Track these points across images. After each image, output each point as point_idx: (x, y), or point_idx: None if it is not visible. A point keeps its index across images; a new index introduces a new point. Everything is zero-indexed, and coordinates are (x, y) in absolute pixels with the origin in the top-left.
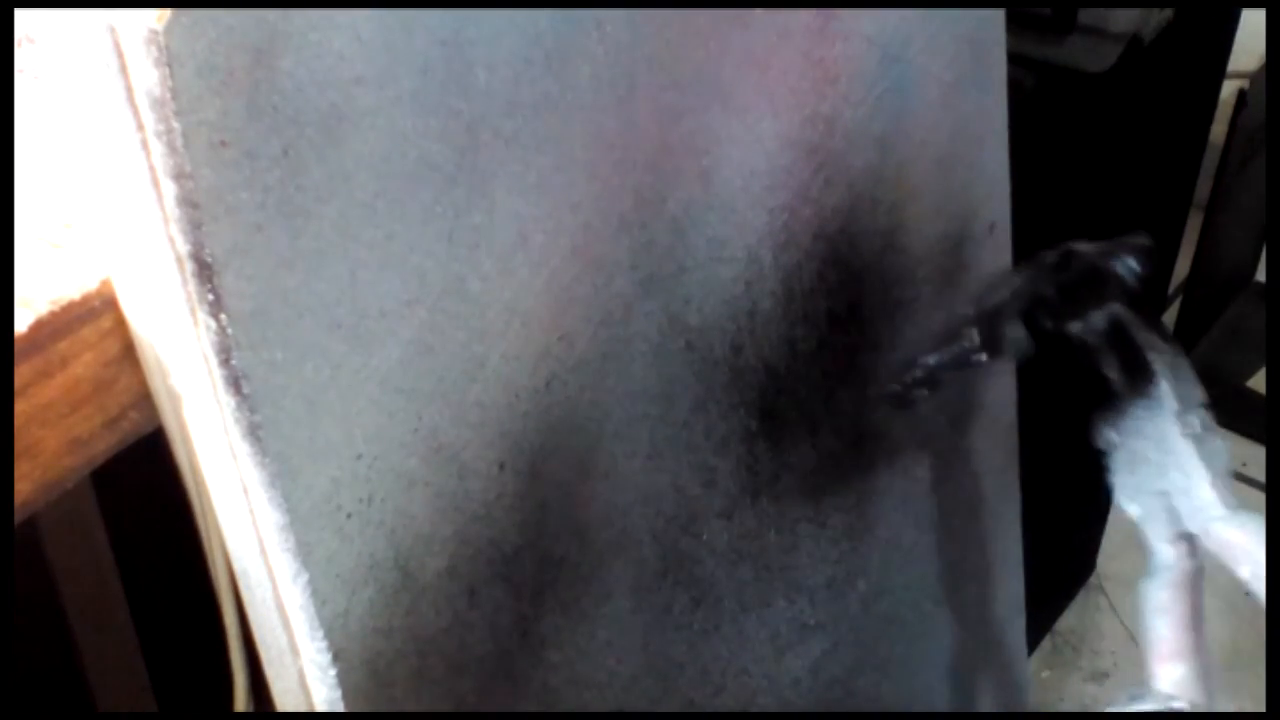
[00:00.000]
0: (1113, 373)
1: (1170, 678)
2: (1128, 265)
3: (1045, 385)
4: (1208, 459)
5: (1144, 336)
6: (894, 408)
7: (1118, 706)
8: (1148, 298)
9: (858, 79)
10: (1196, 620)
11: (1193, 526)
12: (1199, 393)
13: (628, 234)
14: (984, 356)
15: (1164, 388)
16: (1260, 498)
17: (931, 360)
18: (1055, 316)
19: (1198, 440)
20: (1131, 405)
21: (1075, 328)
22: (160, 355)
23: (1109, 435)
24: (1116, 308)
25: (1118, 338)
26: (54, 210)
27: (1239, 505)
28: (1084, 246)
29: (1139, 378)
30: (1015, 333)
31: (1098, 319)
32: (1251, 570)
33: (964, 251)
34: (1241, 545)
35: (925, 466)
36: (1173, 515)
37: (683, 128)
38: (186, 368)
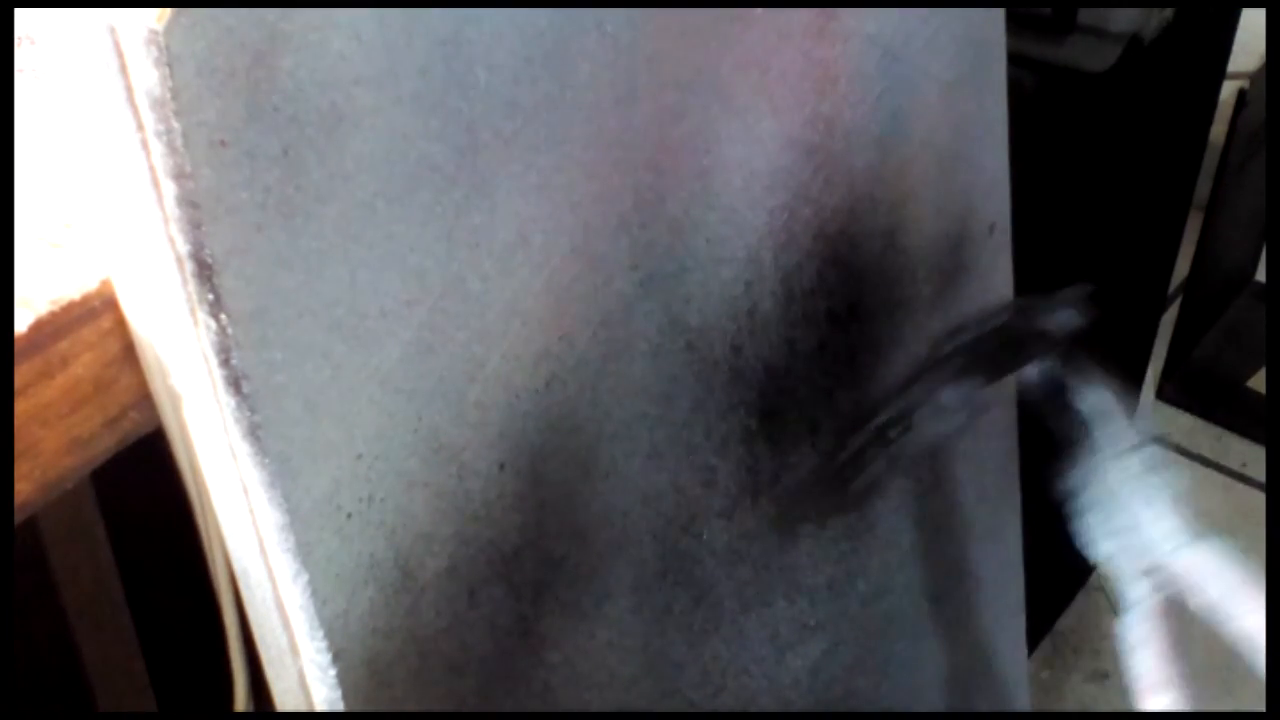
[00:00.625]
0: (1056, 424)
1: (1159, 708)
2: (1062, 317)
3: None
4: (1153, 496)
5: (1078, 385)
6: (839, 484)
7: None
8: (1084, 345)
9: (858, 79)
10: (1177, 649)
11: (1154, 560)
12: (1142, 432)
13: (628, 234)
14: (907, 433)
15: (1102, 434)
16: (1260, 498)
17: (858, 443)
18: (989, 376)
19: (1141, 479)
20: (1078, 453)
21: (1020, 383)
22: (160, 355)
23: (1062, 484)
24: (1052, 360)
25: (1056, 390)
26: (54, 210)
27: (1192, 536)
28: (1015, 303)
29: (1081, 427)
30: (949, 392)
31: (1035, 373)
32: (1207, 598)
33: (964, 251)
34: (1198, 573)
35: (925, 466)
36: (1134, 553)
37: (683, 128)
38: (186, 368)
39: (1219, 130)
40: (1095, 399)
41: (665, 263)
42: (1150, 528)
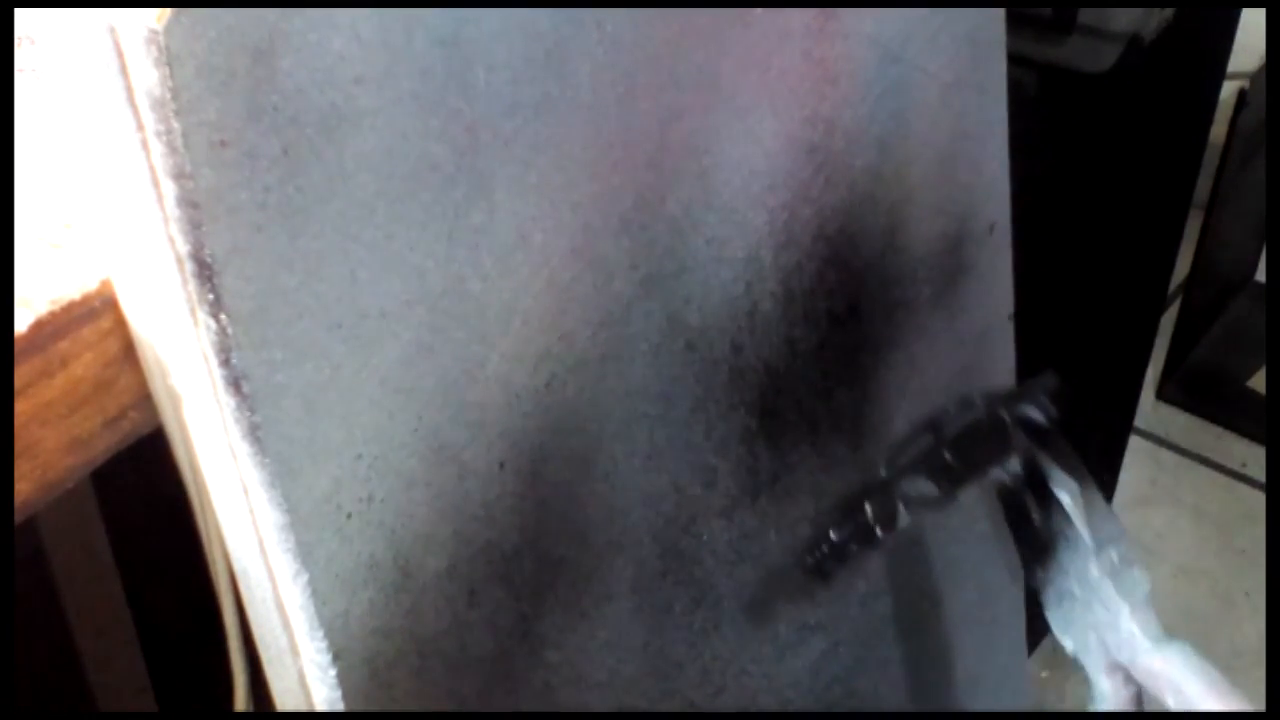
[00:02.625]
0: (1033, 513)
1: None
2: (1035, 408)
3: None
4: (1126, 592)
5: (1056, 477)
6: (812, 580)
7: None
8: (1059, 435)
9: (858, 79)
10: None
11: (1122, 658)
12: (1113, 527)
13: (628, 234)
14: (880, 533)
15: (1079, 527)
16: (1260, 498)
17: (834, 536)
18: (954, 478)
19: (1115, 575)
20: (1053, 544)
21: (995, 474)
22: (160, 355)
23: (1036, 573)
24: (1028, 451)
25: (1033, 480)
26: (54, 210)
27: (1162, 635)
28: (986, 394)
29: (1056, 518)
30: (924, 489)
31: (1012, 464)
32: (1176, 700)
33: (964, 251)
34: (1166, 677)
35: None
36: (1106, 647)
37: (683, 128)
38: (186, 368)
39: (1219, 130)
40: (1073, 491)
41: (665, 263)
42: (1125, 623)
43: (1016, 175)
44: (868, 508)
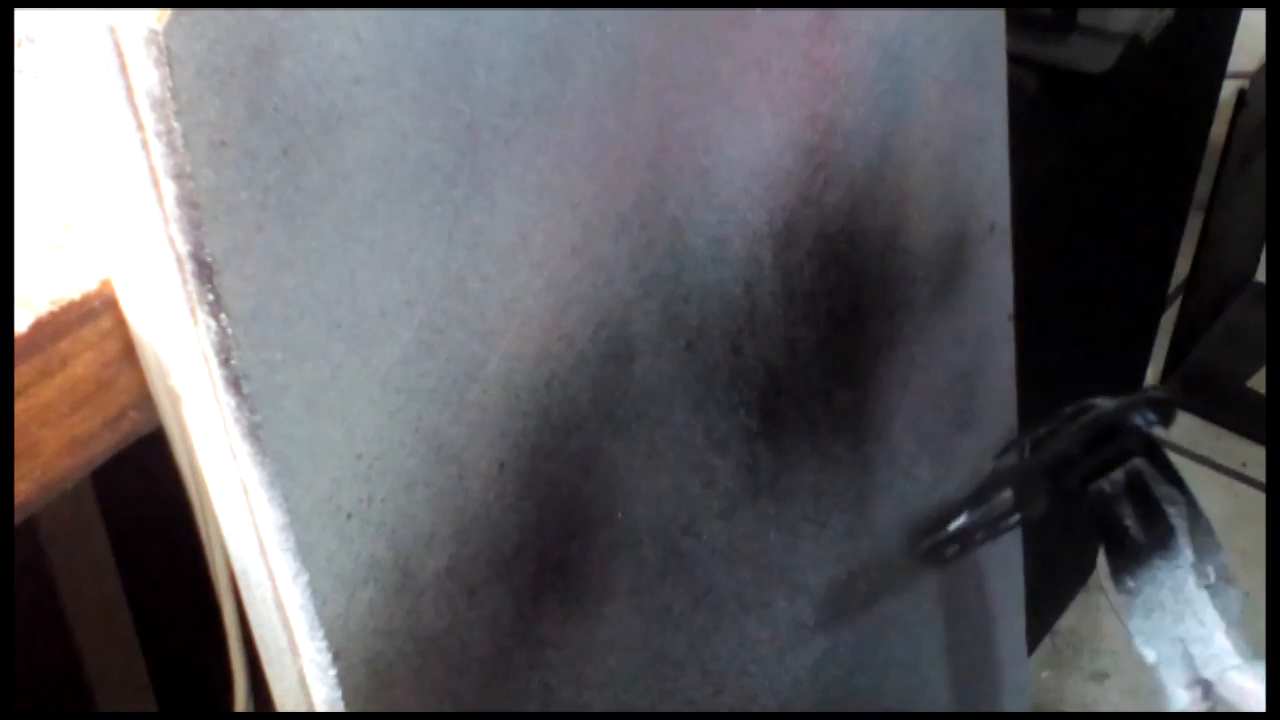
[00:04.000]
0: (1131, 523)
1: None
2: (1146, 419)
3: (1046, 381)
4: (1222, 608)
5: (1162, 490)
6: (927, 563)
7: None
8: (1162, 447)
9: (858, 79)
10: None
11: (1208, 674)
12: (1213, 542)
13: (628, 234)
14: (1016, 519)
15: (1181, 540)
16: (1260, 498)
17: (963, 521)
18: (1081, 475)
19: (1213, 590)
20: (1149, 555)
21: (1098, 482)
22: (160, 355)
23: (1126, 582)
24: (1136, 461)
25: (1136, 490)
26: (54, 210)
27: (1253, 654)
28: (1102, 401)
29: (1157, 529)
30: (1040, 489)
31: (1117, 472)
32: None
33: (964, 251)
34: (1256, 695)
35: (925, 466)
36: (1188, 661)
37: (683, 128)
38: (186, 368)
39: (1219, 130)
40: (1178, 503)
41: (665, 263)
42: (1218, 639)
43: (1016, 175)
44: (1006, 497)
